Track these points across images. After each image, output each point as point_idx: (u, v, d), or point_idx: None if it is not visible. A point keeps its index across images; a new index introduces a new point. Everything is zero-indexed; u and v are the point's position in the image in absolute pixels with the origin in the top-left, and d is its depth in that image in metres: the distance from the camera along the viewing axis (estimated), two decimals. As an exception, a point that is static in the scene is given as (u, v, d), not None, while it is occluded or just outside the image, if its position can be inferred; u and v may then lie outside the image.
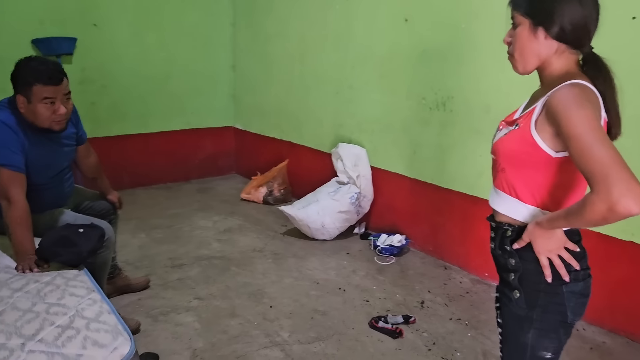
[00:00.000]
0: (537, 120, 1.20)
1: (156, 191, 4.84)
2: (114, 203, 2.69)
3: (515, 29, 1.27)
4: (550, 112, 1.15)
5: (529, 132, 1.20)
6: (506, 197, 1.31)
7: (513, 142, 1.26)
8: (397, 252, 3.46)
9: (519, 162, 1.26)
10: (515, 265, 1.30)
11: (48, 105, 2.15)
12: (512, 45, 1.28)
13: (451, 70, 3.16)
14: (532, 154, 1.21)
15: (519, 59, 1.27)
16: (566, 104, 1.11)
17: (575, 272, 1.24)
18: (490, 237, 1.40)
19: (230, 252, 3.49)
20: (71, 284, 1.73)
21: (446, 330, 2.61)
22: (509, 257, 1.31)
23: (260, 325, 2.60)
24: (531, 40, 1.24)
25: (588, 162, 1.05)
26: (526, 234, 1.25)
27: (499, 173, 1.33)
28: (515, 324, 1.32)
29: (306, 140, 4.48)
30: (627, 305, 2.55)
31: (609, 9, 2.42)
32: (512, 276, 1.30)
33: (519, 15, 1.25)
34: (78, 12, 4.23)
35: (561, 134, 1.12)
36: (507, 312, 1.34)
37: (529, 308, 1.28)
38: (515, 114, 1.35)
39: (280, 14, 4.54)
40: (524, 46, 1.25)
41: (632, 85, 2.34)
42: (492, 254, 1.41)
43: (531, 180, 1.25)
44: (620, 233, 2.49)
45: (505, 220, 1.32)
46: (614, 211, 1.01)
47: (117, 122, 4.64)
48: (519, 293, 1.29)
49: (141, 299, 2.80)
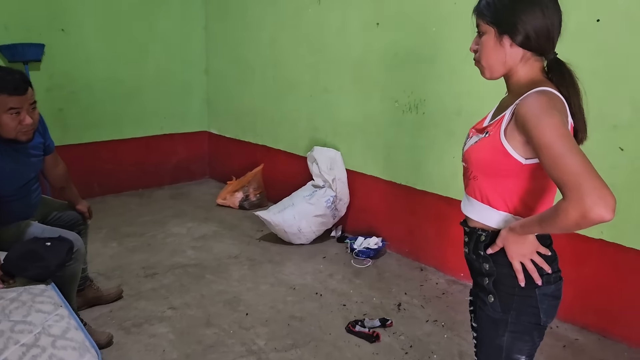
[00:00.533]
0: (507, 128, 1.21)
1: (128, 198, 4.75)
2: (83, 213, 2.63)
3: (481, 37, 1.28)
4: (519, 121, 1.17)
5: (499, 140, 1.22)
6: (478, 204, 1.32)
7: (484, 150, 1.27)
8: (374, 254, 3.47)
9: (490, 170, 1.27)
10: (489, 270, 1.31)
11: (14, 116, 2.11)
12: (479, 52, 1.30)
13: (423, 74, 3.18)
14: (502, 161, 1.23)
15: (485, 67, 1.29)
16: (535, 113, 1.13)
17: (547, 275, 1.26)
18: (464, 242, 1.41)
19: (205, 259, 3.45)
20: (38, 299, 1.67)
21: (423, 332, 2.63)
22: (483, 261, 1.32)
23: (236, 334, 2.57)
24: (497, 48, 1.26)
25: (560, 171, 1.07)
26: (499, 240, 1.26)
27: (470, 180, 1.34)
28: (490, 327, 1.33)
29: (281, 144, 4.46)
30: (598, 302, 2.60)
31: (573, 11, 2.46)
32: (486, 280, 1.32)
33: (484, 24, 1.27)
34: (45, 18, 4.13)
35: (531, 142, 1.14)
36: (482, 316, 1.35)
37: (503, 312, 1.29)
38: (485, 121, 1.36)
39: (253, 19, 4.51)
40: (489, 54, 1.27)
41: (597, 87, 2.40)
42: (466, 258, 1.42)
43: (503, 187, 1.27)
44: (590, 231, 2.54)
45: (478, 225, 1.34)
46: (587, 218, 1.04)
47: (88, 129, 4.55)
48: (493, 297, 1.30)
49: (113, 311, 2.74)
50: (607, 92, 2.38)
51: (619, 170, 2.40)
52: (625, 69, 2.33)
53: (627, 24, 2.30)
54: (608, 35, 2.36)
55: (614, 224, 2.44)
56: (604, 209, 1.02)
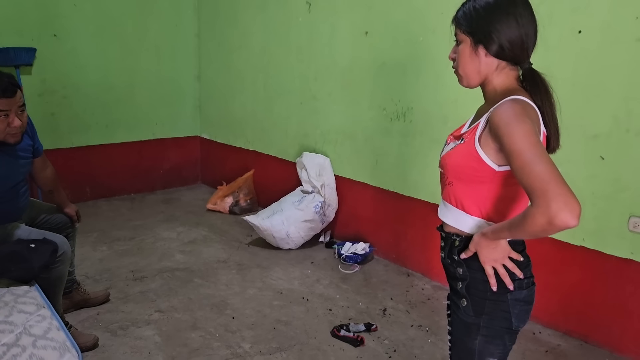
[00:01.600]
0: (481, 135, 1.24)
1: (119, 202, 4.77)
2: (72, 216, 2.65)
3: (458, 45, 1.32)
4: (492, 128, 1.19)
5: (474, 147, 1.25)
6: (453, 209, 1.35)
7: (459, 156, 1.30)
8: (361, 260, 3.50)
9: (464, 176, 1.30)
10: (462, 274, 1.33)
11: (2, 118, 2.13)
12: (456, 61, 1.33)
13: (410, 82, 3.22)
14: (477, 168, 1.25)
15: (463, 75, 1.33)
16: (507, 121, 1.16)
17: (519, 280, 1.29)
18: (440, 247, 1.44)
19: (194, 264, 3.46)
20: (20, 300, 1.69)
21: (407, 337, 2.65)
22: (457, 266, 1.35)
23: (221, 337, 2.59)
24: (472, 57, 1.29)
25: (528, 177, 1.09)
26: (472, 244, 1.29)
27: (446, 186, 1.36)
28: (463, 330, 1.35)
29: (271, 150, 4.49)
30: (580, 308, 2.63)
31: (556, 23, 2.53)
32: (459, 285, 1.34)
33: (460, 33, 1.30)
34: (37, 23, 4.16)
35: (503, 150, 1.16)
36: (456, 319, 1.37)
37: (476, 315, 1.31)
38: (462, 129, 1.40)
39: (245, 26, 4.55)
40: (466, 63, 1.30)
41: (578, 97, 2.45)
42: (442, 262, 1.45)
43: (476, 193, 1.29)
44: (572, 238, 2.58)
45: (453, 230, 1.36)
46: (553, 224, 1.06)
47: (79, 133, 4.57)
48: (466, 301, 1.33)
49: (100, 313, 2.76)
50: (588, 102, 2.43)
51: (600, 179, 2.44)
52: (606, 80, 2.38)
53: (608, 36, 2.35)
54: (589, 46, 2.41)
55: (595, 232, 2.50)
56: (569, 214, 1.04)
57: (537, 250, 1.35)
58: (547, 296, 2.52)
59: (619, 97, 2.35)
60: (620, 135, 2.37)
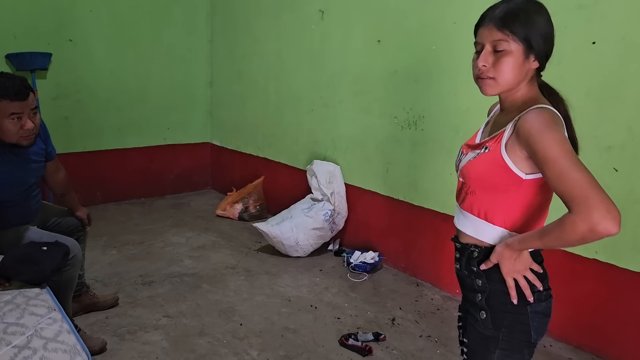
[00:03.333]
0: (507, 143, 1.22)
1: (129, 207, 4.79)
2: (83, 220, 2.66)
3: (498, 52, 1.22)
4: (522, 136, 1.17)
5: (500, 155, 1.22)
6: (474, 219, 1.32)
7: (484, 165, 1.27)
8: (370, 268, 3.48)
9: (489, 185, 1.27)
10: (482, 286, 1.31)
11: (15, 121, 2.14)
12: (492, 68, 1.24)
13: (422, 91, 3.22)
14: (503, 176, 1.23)
15: (500, 83, 1.24)
16: (540, 128, 1.14)
17: (539, 292, 1.27)
18: (455, 258, 1.42)
19: (203, 269, 3.46)
20: (32, 302, 1.70)
21: (416, 347, 2.63)
22: (476, 278, 1.32)
23: (229, 344, 2.58)
24: (521, 65, 1.22)
25: (566, 185, 1.09)
26: (494, 256, 1.26)
27: (468, 195, 1.34)
28: (481, 343, 1.32)
29: (282, 157, 4.50)
30: (592, 322, 2.59)
31: (570, 34, 2.52)
32: (479, 297, 1.31)
33: (510, 40, 1.20)
34: (53, 28, 4.21)
35: (535, 157, 1.15)
36: (473, 332, 1.34)
37: (495, 328, 1.29)
38: (476, 138, 1.38)
39: (257, 33, 4.58)
40: (512, 71, 1.22)
41: (592, 108, 2.43)
42: (457, 274, 1.42)
43: (501, 202, 1.27)
44: (584, 251, 2.55)
45: (471, 241, 1.34)
46: (595, 232, 1.05)
47: (92, 137, 4.61)
48: (485, 313, 1.30)
49: (109, 317, 2.76)
50: (602, 113, 2.41)
51: (613, 191, 2.37)
52: (620, 91, 2.36)
53: (622, 47, 2.33)
54: (603, 57, 2.40)
55: (609, 245, 2.47)
56: (612, 222, 1.04)
57: (549, 262, 1.33)
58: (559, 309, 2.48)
59: (634, 109, 2.32)
60: (634, 147, 2.34)
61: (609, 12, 2.36)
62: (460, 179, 1.36)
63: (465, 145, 1.40)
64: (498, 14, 1.22)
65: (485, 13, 1.26)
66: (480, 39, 1.26)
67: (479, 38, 1.26)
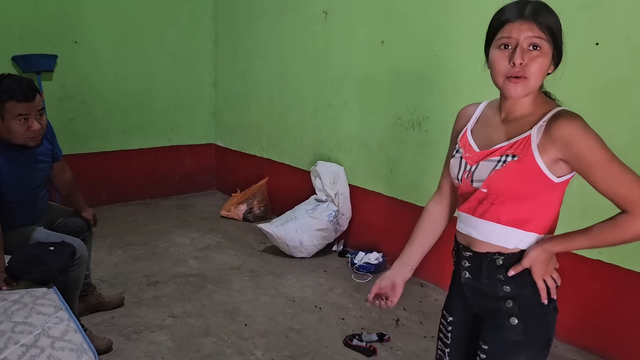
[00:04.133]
0: (538, 148, 1.19)
1: (134, 207, 4.82)
2: (89, 220, 2.68)
3: (534, 52, 1.18)
4: (561, 141, 1.15)
5: (535, 162, 1.19)
6: (501, 228, 1.28)
7: (516, 173, 1.22)
8: (374, 269, 3.48)
9: (523, 193, 1.24)
10: (511, 292, 1.28)
11: (22, 122, 2.17)
12: (527, 67, 1.18)
13: (426, 92, 3.23)
14: (536, 182, 1.21)
15: (532, 85, 1.20)
16: (583, 132, 1.14)
17: None
18: (461, 267, 1.37)
19: (207, 270, 3.48)
20: (39, 302, 1.72)
21: (420, 348, 2.63)
22: (503, 285, 1.28)
23: (234, 344, 2.59)
24: (548, 68, 1.21)
25: (620, 187, 1.12)
26: (527, 260, 1.24)
27: (493, 206, 1.28)
28: (507, 350, 1.29)
29: (286, 158, 4.51)
30: (597, 323, 2.59)
31: (574, 34, 2.52)
32: (509, 303, 1.28)
33: (546, 41, 1.18)
34: (59, 30, 4.24)
35: (579, 161, 1.15)
36: (498, 339, 1.31)
37: (525, 332, 1.27)
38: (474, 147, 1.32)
39: (261, 34, 4.60)
40: (543, 72, 1.20)
41: (596, 109, 2.43)
42: (467, 284, 1.37)
43: (532, 208, 1.25)
44: (588, 252, 2.54)
45: (493, 249, 1.30)
46: None
47: (97, 138, 4.64)
48: (517, 319, 1.27)
49: (114, 317, 2.78)
50: (607, 113, 2.41)
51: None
52: (625, 92, 2.36)
53: (627, 47, 2.33)
54: (608, 58, 2.40)
55: (612, 245, 2.47)
56: None
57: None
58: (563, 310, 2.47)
59: (639, 109, 2.32)
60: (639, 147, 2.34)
61: (613, 13, 2.36)
62: (484, 190, 1.27)
63: (468, 156, 1.32)
64: (533, 12, 1.17)
65: (511, 9, 1.20)
66: (514, 34, 1.18)
67: (509, 33, 1.18)
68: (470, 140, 1.35)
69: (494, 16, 1.25)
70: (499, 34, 1.20)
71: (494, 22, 1.24)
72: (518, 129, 1.24)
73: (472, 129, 1.37)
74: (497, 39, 1.21)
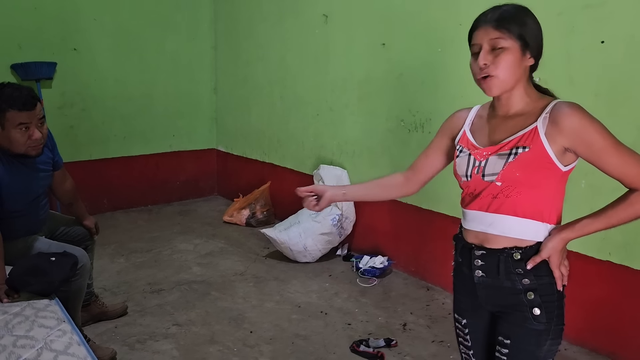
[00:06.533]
0: (546, 138, 1.25)
1: (136, 214, 4.79)
2: (90, 229, 2.65)
3: (495, 50, 1.26)
4: (568, 130, 1.22)
5: (546, 152, 1.25)
6: (518, 221, 1.31)
7: (529, 164, 1.26)
8: (380, 273, 3.45)
9: (536, 183, 1.27)
10: (531, 284, 1.31)
11: (23, 131, 2.14)
12: (492, 67, 1.26)
13: (428, 93, 3.20)
14: (547, 172, 1.26)
15: (503, 81, 1.27)
16: (589, 120, 1.22)
17: None
18: (473, 266, 1.38)
19: (211, 276, 3.45)
20: (41, 314, 1.69)
21: (428, 352, 2.60)
22: (523, 278, 1.31)
23: (240, 352, 2.56)
24: (518, 63, 1.27)
25: (630, 166, 1.21)
26: (546, 251, 1.28)
27: (509, 199, 1.30)
28: (533, 340, 1.33)
29: (288, 162, 4.48)
30: (607, 325, 2.56)
31: (578, 33, 2.50)
32: (530, 295, 1.31)
33: (507, 38, 1.25)
34: (58, 37, 4.23)
35: (589, 148, 1.22)
36: (522, 331, 1.33)
37: (548, 321, 1.31)
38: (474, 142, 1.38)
39: (261, 38, 4.58)
40: (511, 68, 1.26)
41: (601, 108, 2.39)
42: (480, 283, 1.38)
43: (543, 198, 1.29)
44: (597, 252, 2.52)
45: (509, 244, 1.32)
46: None
47: (98, 145, 4.61)
48: (539, 309, 1.31)
49: (118, 327, 2.75)
50: (612, 113, 2.37)
51: (622, 190, 2.38)
52: (630, 91, 2.33)
53: (631, 46, 2.30)
54: (613, 57, 2.37)
55: (622, 246, 2.44)
56: None
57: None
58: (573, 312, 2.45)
59: (645, 108, 2.30)
60: (646, 147, 2.31)
61: (617, 11, 2.33)
62: (498, 183, 1.29)
63: (483, 150, 1.34)
64: (492, 17, 1.28)
65: (478, 19, 1.32)
66: (477, 40, 1.30)
67: (475, 40, 1.31)
68: (472, 139, 1.40)
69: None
70: (471, 42, 1.33)
71: (469, 32, 1.35)
72: (521, 123, 1.30)
73: (470, 130, 1.43)
74: (470, 47, 1.33)
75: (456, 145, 1.45)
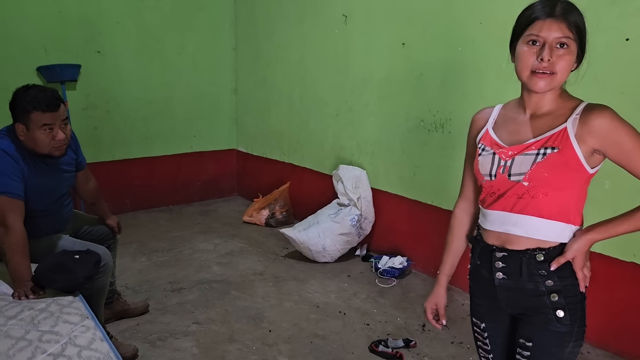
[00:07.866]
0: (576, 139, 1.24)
1: (158, 214, 4.85)
2: (113, 228, 2.69)
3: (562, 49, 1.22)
4: (600, 131, 1.21)
5: (575, 153, 1.23)
6: (541, 221, 1.29)
7: (558, 164, 1.24)
8: (399, 274, 3.44)
9: (562, 184, 1.26)
10: (554, 286, 1.30)
11: (47, 132, 2.18)
12: (557, 63, 1.22)
13: (448, 93, 3.18)
14: (574, 173, 1.25)
15: (559, 81, 1.25)
16: (618, 121, 1.21)
17: None
18: (494, 268, 1.36)
19: (231, 276, 3.48)
20: (65, 310, 1.72)
21: (447, 354, 2.58)
22: (547, 279, 1.30)
23: (258, 351, 2.57)
24: (573, 63, 1.25)
25: None
26: (571, 252, 1.27)
27: (534, 200, 1.28)
28: (555, 343, 1.32)
29: (307, 162, 4.50)
30: (631, 328, 2.50)
31: (603, 30, 2.46)
32: (554, 297, 1.30)
33: (574, 40, 1.22)
34: (82, 40, 4.31)
35: (619, 149, 1.21)
36: (545, 333, 1.33)
37: (571, 323, 1.30)
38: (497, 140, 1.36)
39: (281, 39, 4.60)
40: (568, 70, 1.25)
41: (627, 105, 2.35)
42: (501, 285, 1.36)
43: (569, 199, 1.28)
44: (621, 254, 2.47)
45: (532, 245, 1.31)
46: None
47: (120, 146, 4.69)
48: (563, 311, 1.29)
49: (139, 324, 2.79)
50: (638, 110, 2.33)
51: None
52: (657, 88, 2.29)
53: (658, 42, 2.26)
54: (637, 54, 2.32)
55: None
56: None
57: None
58: (596, 314, 2.41)
59: (672, 106, 2.25)
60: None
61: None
62: (525, 183, 1.28)
63: (500, 151, 1.33)
64: (564, 13, 1.21)
65: (542, 8, 1.23)
66: (544, 32, 1.22)
67: (539, 31, 1.22)
68: (495, 137, 1.38)
69: (522, 12, 1.28)
70: (528, 30, 1.25)
71: (522, 18, 1.27)
72: (550, 123, 1.28)
73: (493, 128, 1.40)
74: (526, 35, 1.25)
75: (477, 144, 1.42)
